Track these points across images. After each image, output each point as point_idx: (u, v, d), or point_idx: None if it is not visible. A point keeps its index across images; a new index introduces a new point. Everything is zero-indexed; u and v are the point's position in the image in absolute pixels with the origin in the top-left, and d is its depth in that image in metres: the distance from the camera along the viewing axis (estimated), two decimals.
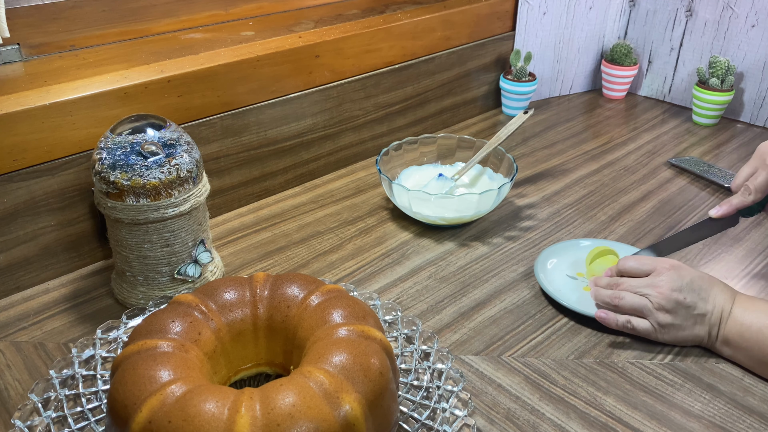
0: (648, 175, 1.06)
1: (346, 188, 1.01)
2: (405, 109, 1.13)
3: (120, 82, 0.78)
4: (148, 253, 0.71)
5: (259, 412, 0.46)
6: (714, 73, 1.19)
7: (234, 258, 0.84)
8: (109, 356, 0.65)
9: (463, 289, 0.79)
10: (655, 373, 0.66)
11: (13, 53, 0.82)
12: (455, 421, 0.58)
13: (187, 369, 0.51)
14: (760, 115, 1.22)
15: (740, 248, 0.86)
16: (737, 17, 1.20)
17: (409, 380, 0.62)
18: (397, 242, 0.88)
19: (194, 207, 0.71)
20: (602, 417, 0.61)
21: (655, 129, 1.23)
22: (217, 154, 0.90)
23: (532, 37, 1.28)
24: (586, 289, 0.77)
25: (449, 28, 1.14)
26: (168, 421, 0.46)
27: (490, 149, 0.97)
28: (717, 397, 0.63)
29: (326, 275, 0.81)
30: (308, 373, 0.50)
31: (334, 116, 1.02)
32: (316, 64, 0.96)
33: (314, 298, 0.59)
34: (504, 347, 0.70)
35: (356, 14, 1.10)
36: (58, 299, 0.76)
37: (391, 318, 0.70)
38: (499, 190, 0.87)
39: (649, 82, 1.37)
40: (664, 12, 1.29)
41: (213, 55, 0.87)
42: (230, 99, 0.88)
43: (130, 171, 0.66)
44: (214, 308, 0.58)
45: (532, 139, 1.18)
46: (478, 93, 1.26)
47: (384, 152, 0.95)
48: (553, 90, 1.37)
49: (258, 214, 0.94)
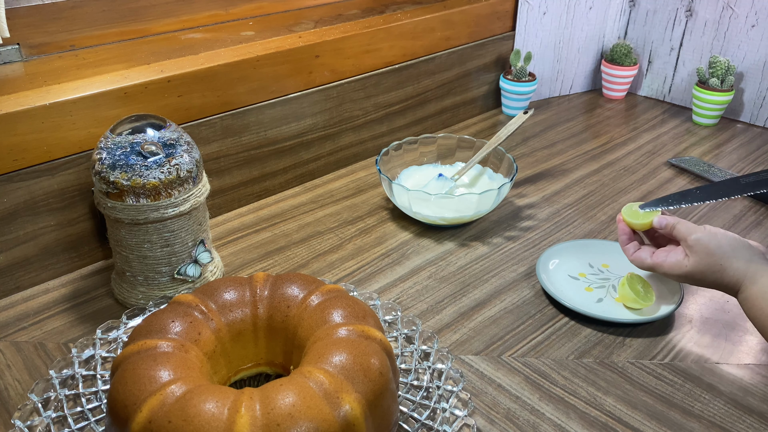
0: (648, 175, 1.06)
1: (346, 188, 1.01)
2: (405, 109, 1.13)
3: (120, 82, 0.78)
4: (148, 253, 0.71)
5: (259, 412, 0.46)
6: (714, 73, 1.19)
7: (234, 258, 0.84)
8: (109, 356, 0.65)
9: (463, 289, 0.79)
10: (655, 373, 0.66)
11: (13, 53, 0.82)
12: (455, 421, 0.58)
13: (187, 369, 0.51)
14: (760, 115, 1.22)
15: None
16: (737, 17, 1.20)
17: (409, 380, 0.62)
18: (397, 242, 0.88)
19: (194, 207, 0.71)
20: (602, 417, 0.61)
21: (655, 129, 1.23)
22: (217, 154, 0.90)
23: (532, 37, 1.28)
24: (588, 289, 0.77)
25: (449, 28, 1.14)
26: (168, 421, 0.46)
27: (490, 149, 0.97)
28: (717, 397, 0.63)
29: (326, 275, 0.81)
30: (308, 373, 0.50)
31: (334, 116, 1.02)
32: (316, 64, 0.96)
33: (314, 298, 0.59)
34: (504, 347, 0.70)
35: (356, 14, 1.10)
36: (58, 299, 0.76)
37: (391, 318, 0.70)
38: (499, 190, 0.87)
39: (649, 82, 1.37)
40: (664, 12, 1.29)
41: (213, 55, 0.87)
42: (230, 99, 0.88)
43: (130, 171, 0.66)
44: (214, 308, 0.58)
45: (532, 139, 1.18)
46: (478, 93, 1.26)
47: (384, 152, 0.95)
48: (553, 90, 1.37)
49: (258, 214, 0.94)
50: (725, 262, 0.65)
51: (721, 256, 0.65)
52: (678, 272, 0.68)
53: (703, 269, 0.66)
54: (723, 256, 0.65)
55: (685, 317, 0.74)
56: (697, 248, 0.67)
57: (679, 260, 0.68)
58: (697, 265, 0.67)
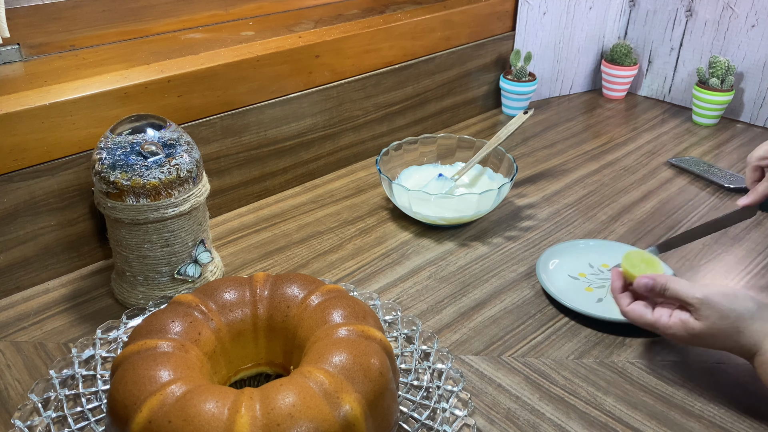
0: (648, 175, 1.06)
1: (346, 188, 1.01)
2: (405, 109, 1.13)
3: (120, 82, 0.78)
4: (148, 253, 0.71)
5: (259, 412, 0.46)
6: (714, 73, 1.19)
7: (234, 258, 0.84)
8: (109, 356, 0.65)
9: (463, 289, 0.79)
10: (655, 373, 0.66)
11: (13, 53, 0.82)
12: (455, 421, 0.58)
13: (187, 369, 0.51)
14: (760, 115, 1.22)
15: (740, 248, 0.86)
16: (737, 17, 1.20)
17: (409, 380, 0.62)
18: (397, 242, 0.88)
19: (194, 207, 0.71)
20: (602, 417, 0.61)
21: (655, 129, 1.23)
22: (217, 154, 0.90)
23: (532, 37, 1.28)
24: (588, 289, 0.77)
25: (449, 28, 1.14)
26: (168, 421, 0.46)
27: (490, 149, 0.97)
28: (717, 397, 0.63)
29: (326, 275, 0.81)
30: (308, 373, 0.50)
31: (334, 116, 1.02)
32: (316, 64, 0.96)
33: (314, 298, 0.59)
34: (504, 347, 0.70)
35: (356, 14, 1.10)
36: (58, 299, 0.76)
37: (391, 318, 0.70)
38: (499, 190, 0.87)
39: (649, 82, 1.37)
40: (664, 12, 1.29)
41: (213, 55, 0.87)
42: (230, 99, 0.88)
43: (130, 171, 0.66)
44: (214, 308, 0.58)
45: (532, 139, 1.18)
46: (478, 93, 1.26)
47: (384, 152, 0.95)
48: (553, 90, 1.37)
49: (258, 214, 0.94)
50: (742, 324, 0.58)
51: (737, 318, 0.58)
52: (684, 333, 0.61)
53: (716, 333, 0.59)
54: (738, 318, 0.58)
55: None
56: (705, 311, 0.59)
57: (685, 320, 0.60)
58: (709, 328, 0.59)
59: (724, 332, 0.59)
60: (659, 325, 0.62)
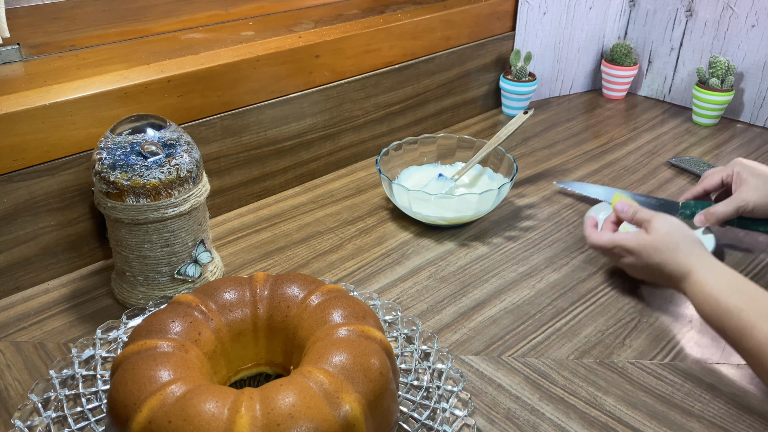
0: (648, 175, 1.06)
1: (346, 188, 1.01)
2: (405, 109, 1.13)
3: (120, 82, 0.78)
4: (148, 253, 0.71)
5: (259, 412, 0.46)
6: (714, 73, 1.19)
7: (234, 258, 0.84)
8: (109, 356, 0.65)
9: (463, 289, 0.79)
10: (655, 373, 0.66)
11: (13, 53, 0.82)
12: (455, 421, 0.58)
13: (187, 369, 0.51)
14: (760, 115, 1.22)
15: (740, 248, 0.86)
16: (737, 17, 1.20)
17: (409, 380, 0.62)
18: (397, 242, 0.88)
19: (194, 207, 0.71)
20: (602, 417, 0.61)
21: (655, 129, 1.23)
22: (217, 154, 0.90)
23: (532, 37, 1.28)
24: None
25: (449, 28, 1.14)
26: (168, 421, 0.46)
27: (490, 149, 0.97)
28: (717, 397, 0.63)
29: (326, 275, 0.81)
30: (308, 373, 0.50)
31: (334, 116, 1.02)
32: (316, 64, 0.96)
33: (314, 298, 0.59)
34: (504, 347, 0.70)
35: (356, 14, 1.10)
36: (58, 299, 0.76)
37: (391, 318, 0.70)
38: (499, 190, 0.87)
39: (649, 82, 1.37)
40: (664, 12, 1.29)
41: (213, 55, 0.87)
42: (230, 99, 0.88)
43: (130, 171, 0.66)
44: (214, 308, 0.58)
45: (532, 139, 1.18)
46: (478, 93, 1.26)
47: (384, 152, 0.95)
48: (553, 90, 1.37)
49: (258, 214, 0.94)
50: (682, 242, 0.69)
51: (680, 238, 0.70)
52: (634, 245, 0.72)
53: (659, 246, 0.70)
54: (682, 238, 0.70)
55: (685, 317, 0.74)
56: (656, 223, 0.71)
57: (638, 234, 0.73)
58: (653, 240, 0.70)
59: (667, 245, 0.69)
60: (617, 239, 0.74)
